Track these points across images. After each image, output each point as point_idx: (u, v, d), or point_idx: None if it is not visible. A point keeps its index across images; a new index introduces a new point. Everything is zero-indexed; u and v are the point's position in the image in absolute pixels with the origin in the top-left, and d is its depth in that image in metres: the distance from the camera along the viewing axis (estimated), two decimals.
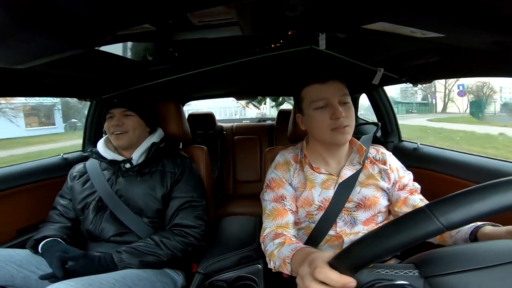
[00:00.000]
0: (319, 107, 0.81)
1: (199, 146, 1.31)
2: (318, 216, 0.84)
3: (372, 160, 0.89)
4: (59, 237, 0.96)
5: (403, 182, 0.86)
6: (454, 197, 0.35)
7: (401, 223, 0.36)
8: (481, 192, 0.34)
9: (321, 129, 0.82)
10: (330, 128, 0.80)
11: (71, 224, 1.04)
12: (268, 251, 0.76)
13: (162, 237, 0.95)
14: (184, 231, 0.99)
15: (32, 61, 0.53)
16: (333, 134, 0.80)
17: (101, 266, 0.86)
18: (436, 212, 0.34)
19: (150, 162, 1.06)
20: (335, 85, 0.82)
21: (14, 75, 0.89)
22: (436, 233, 0.34)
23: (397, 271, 0.40)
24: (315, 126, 0.83)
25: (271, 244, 0.76)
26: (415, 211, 0.37)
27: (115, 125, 1.03)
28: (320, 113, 0.81)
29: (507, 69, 0.79)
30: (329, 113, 0.80)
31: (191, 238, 0.99)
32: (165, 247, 0.94)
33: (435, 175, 1.19)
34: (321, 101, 0.81)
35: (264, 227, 0.84)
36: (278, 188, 0.87)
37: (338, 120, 0.79)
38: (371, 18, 0.57)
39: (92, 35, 0.49)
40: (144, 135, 1.10)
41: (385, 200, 0.86)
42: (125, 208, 0.99)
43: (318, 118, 0.82)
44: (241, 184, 2.32)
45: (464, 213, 0.33)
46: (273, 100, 4.14)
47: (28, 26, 0.38)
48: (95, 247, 0.99)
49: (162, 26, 0.71)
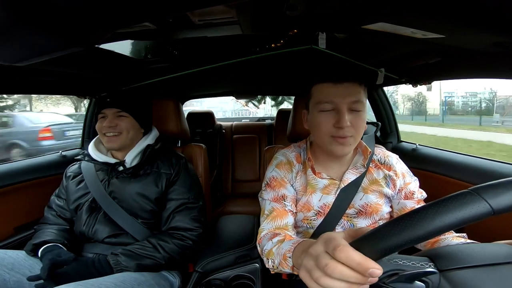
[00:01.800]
0: (324, 110, 0.74)
1: (198, 144, 1.31)
2: (316, 222, 0.81)
3: (377, 163, 0.83)
4: (60, 242, 0.94)
5: (409, 189, 0.81)
6: (503, 182, 0.34)
7: (444, 205, 0.34)
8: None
9: (321, 134, 0.76)
10: (330, 135, 0.74)
11: (68, 226, 1.03)
12: (266, 250, 0.71)
13: (159, 240, 0.94)
14: (181, 234, 0.98)
15: (31, 59, 0.53)
16: (332, 142, 0.74)
17: (96, 269, 0.85)
18: (484, 194, 0.33)
19: (144, 164, 1.05)
20: (350, 88, 0.73)
21: (14, 72, 0.89)
22: (485, 215, 0.32)
23: (414, 262, 0.40)
24: (316, 129, 0.77)
25: (269, 243, 0.71)
26: (457, 194, 0.34)
27: (108, 127, 0.99)
28: (324, 117, 0.74)
29: (507, 70, 0.79)
30: (333, 119, 0.73)
31: (189, 241, 0.98)
32: (163, 250, 0.93)
33: (434, 176, 1.19)
34: (328, 104, 0.73)
35: (261, 229, 0.79)
36: (279, 187, 0.82)
37: (341, 130, 0.71)
38: (371, 18, 0.57)
39: (91, 33, 0.49)
40: (138, 136, 1.07)
41: (387, 207, 0.81)
42: (119, 209, 0.98)
43: (320, 122, 0.75)
44: (240, 183, 2.32)
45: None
46: (272, 99, 4.14)
47: (27, 24, 0.38)
48: (90, 249, 0.98)
49: (162, 24, 0.71)
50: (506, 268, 0.37)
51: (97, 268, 0.85)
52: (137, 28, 0.70)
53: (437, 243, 0.73)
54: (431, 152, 1.34)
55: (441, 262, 0.40)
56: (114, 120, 1.00)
